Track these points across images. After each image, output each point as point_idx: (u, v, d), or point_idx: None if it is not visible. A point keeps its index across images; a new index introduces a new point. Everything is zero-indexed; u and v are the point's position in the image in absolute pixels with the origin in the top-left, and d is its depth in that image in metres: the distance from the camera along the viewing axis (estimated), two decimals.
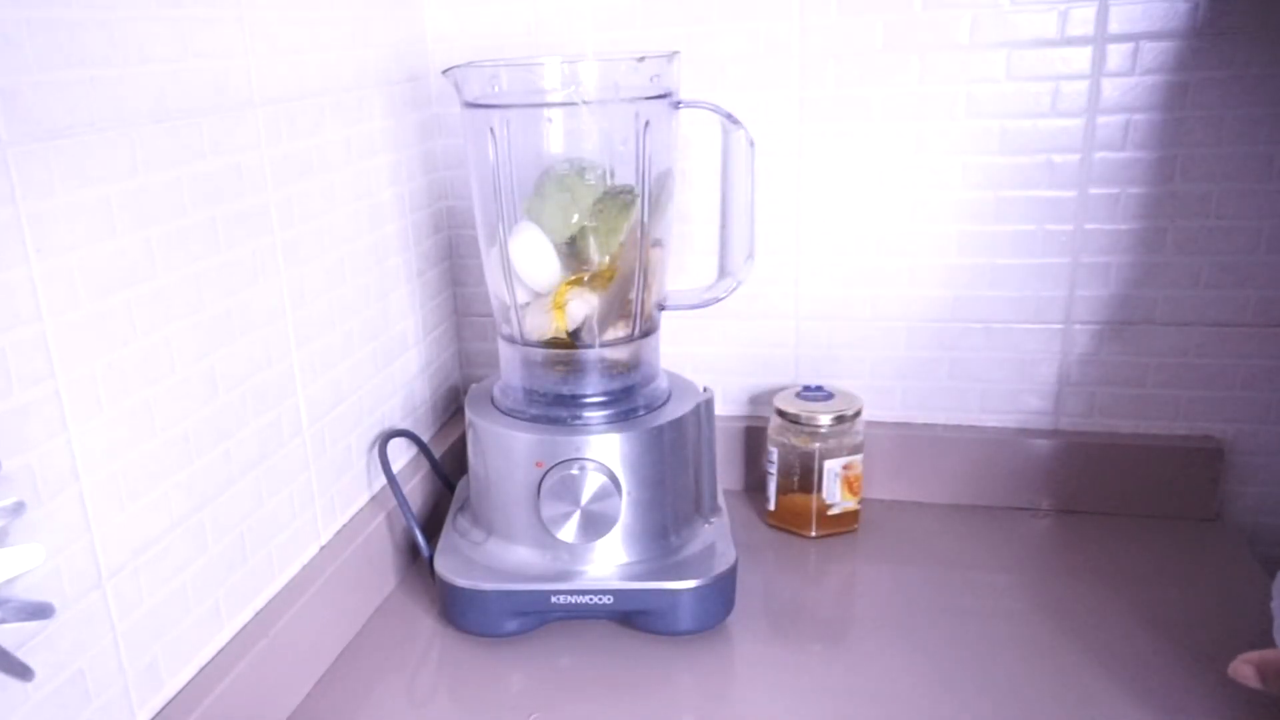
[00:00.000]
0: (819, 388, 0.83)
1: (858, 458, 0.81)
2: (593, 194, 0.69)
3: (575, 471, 0.66)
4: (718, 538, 0.72)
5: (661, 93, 0.68)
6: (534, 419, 0.70)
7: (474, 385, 0.78)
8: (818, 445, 0.80)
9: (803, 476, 0.81)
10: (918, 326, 0.85)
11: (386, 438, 0.78)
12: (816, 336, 0.87)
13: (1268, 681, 0.53)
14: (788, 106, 0.82)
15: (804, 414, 0.80)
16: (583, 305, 0.69)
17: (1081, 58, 0.75)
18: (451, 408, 0.94)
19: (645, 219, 0.68)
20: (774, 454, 0.82)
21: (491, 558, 0.70)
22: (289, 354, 0.65)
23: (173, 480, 0.54)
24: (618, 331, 0.71)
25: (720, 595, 0.69)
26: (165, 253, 0.53)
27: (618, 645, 0.69)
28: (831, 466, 0.80)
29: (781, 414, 0.81)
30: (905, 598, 0.74)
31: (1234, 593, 0.73)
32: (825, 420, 0.79)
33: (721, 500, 0.76)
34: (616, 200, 0.69)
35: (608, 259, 0.69)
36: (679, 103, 0.69)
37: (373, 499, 0.77)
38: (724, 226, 0.74)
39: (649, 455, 0.68)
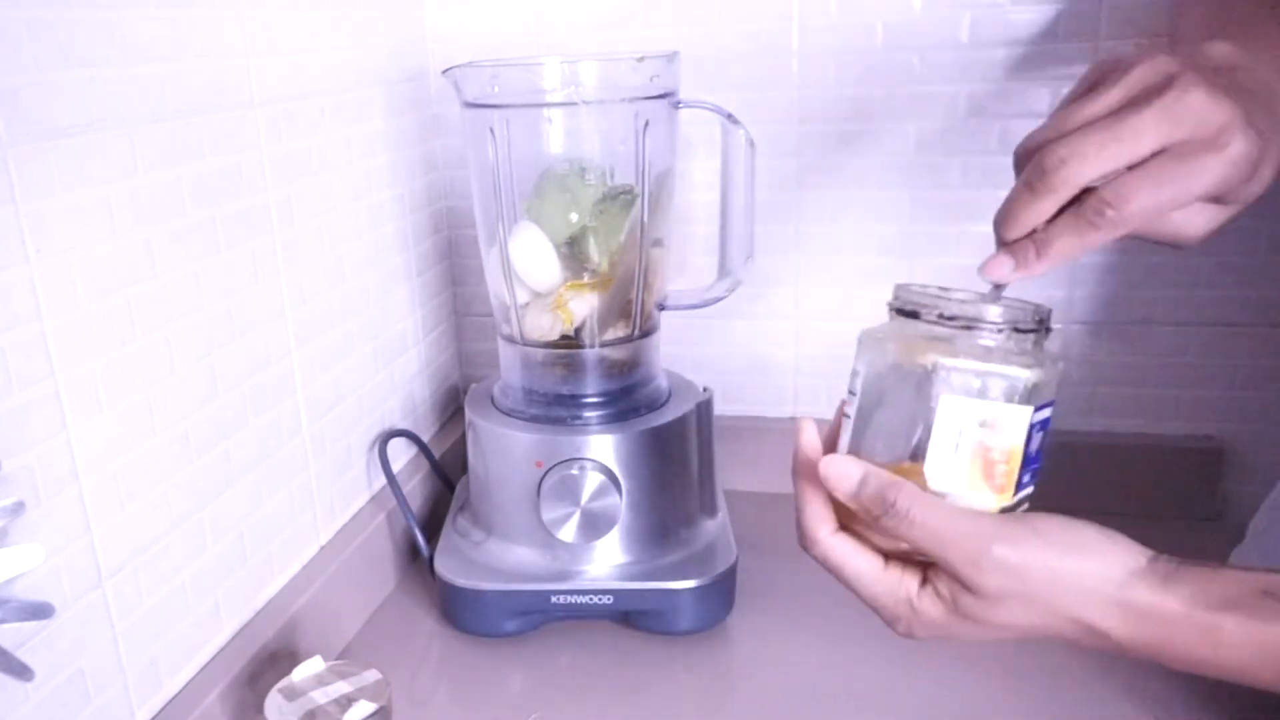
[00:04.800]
0: None
1: None
2: (593, 194, 0.69)
3: (575, 471, 0.66)
4: (718, 538, 0.72)
5: (661, 93, 0.68)
6: (534, 419, 0.70)
7: (474, 385, 0.78)
8: None
9: None
10: None
11: (386, 438, 0.78)
12: (817, 336, 0.87)
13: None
14: (787, 106, 0.82)
15: None
16: (583, 305, 0.69)
17: (1081, 57, 0.75)
18: (451, 408, 0.94)
19: (645, 219, 0.68)
20: None
21: (491, 558, 0.70)
22: (289, 354, 0.65)
23: (172, 480, 0.54)
24: (618, 331, 0.71)
25: (720, 595, 0.69)
26: (165, 252, 0.53)
27: (618, 645, 0.69)
28: None
29: None
30: None
31: None
32: None
33: (721, 500, 0.76)
34: (616, 200, 0.69)
35: (608, 259, 0.69)
36: (679, 103, 0.69)
37: (373, 499, 0.77)
38: (724, 226, 0.74)
39: (649, 455, 0.68)
